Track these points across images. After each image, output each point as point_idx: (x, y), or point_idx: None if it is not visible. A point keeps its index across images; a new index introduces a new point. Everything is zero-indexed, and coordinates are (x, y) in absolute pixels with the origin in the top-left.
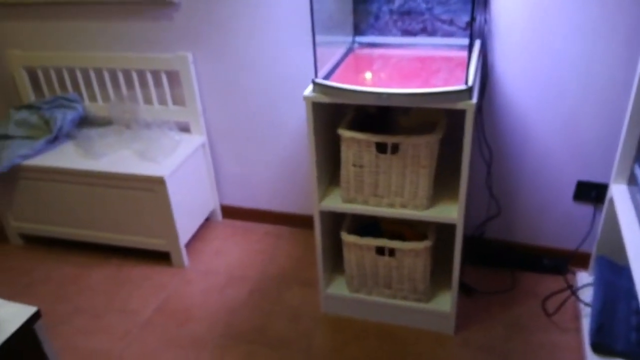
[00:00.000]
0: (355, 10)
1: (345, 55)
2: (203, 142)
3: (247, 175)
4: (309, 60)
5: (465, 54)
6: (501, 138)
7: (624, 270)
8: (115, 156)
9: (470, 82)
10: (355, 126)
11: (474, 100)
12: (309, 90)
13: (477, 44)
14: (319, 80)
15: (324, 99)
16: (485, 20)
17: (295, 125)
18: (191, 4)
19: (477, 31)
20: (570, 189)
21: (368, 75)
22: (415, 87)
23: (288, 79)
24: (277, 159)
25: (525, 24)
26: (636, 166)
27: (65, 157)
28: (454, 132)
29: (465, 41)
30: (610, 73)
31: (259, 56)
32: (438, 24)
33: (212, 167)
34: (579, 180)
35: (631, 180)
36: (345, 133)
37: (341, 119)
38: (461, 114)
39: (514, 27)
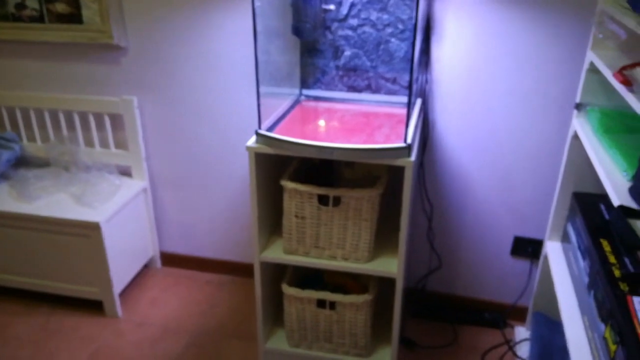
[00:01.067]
0: (303, 64)
1: (292, 107)
2: (144, 187)
3: (189, 222)
4: (255, 110)
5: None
6: (442, 193)
7: (559, 326)
8: (50, 199)
9: (409, 140)
10: (299, 177)
11: (413, 157)
12: (252, 140)
13: (418, 102)
14: (262, 132)
15: (267, 150)
16: (427, 81)
17: (239, 172)
18: (139, 48)
19: (418, 90)
20: (508, 244)
21: (312, 127)
22: (358, 141)
23: (234, 127)
24: (221, 206)
25: (464, 86)
26: (568, 225)
27: None
28: (396, 186)
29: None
30: (543, 135)
31: (205, 103)
32: (382, 82)
33: (152, 213)
34: (516, 236)
35: (564, 238)
36: (287, 184)
37: (285, 170)
38: (402, 169)
39: (453, 88)
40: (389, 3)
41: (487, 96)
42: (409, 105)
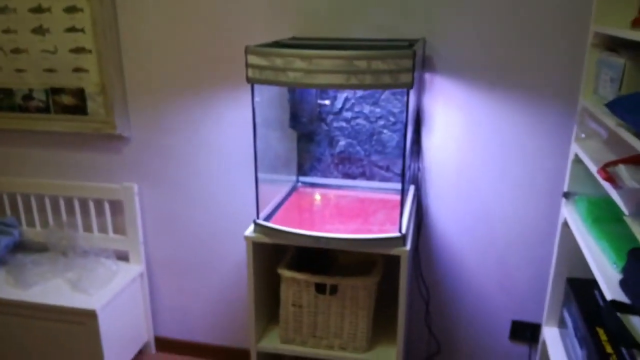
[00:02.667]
0: (300, 153)
1: (289, 193)
2: (141, 271)
3: (185, 307)
4: (253, 197)
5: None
6: (438, 276)
7: None
8: (47, 286)
9: (403, 229)
10: (296, 264)
11: (408, 246)
12: (250, 230)
13: (412, 189)
14: (260, 222)
15: (265, 240)
16: (419, 168)
17: (236, 259)
18: (141, 138)
19: (411, 177)
20: (506, 328)
21: (309, 215)
22: (354, 229)
23: (231, 213)
24: (217, 291)
25: (454, 173)
26: (564, 311)
27: None
28: (392, 271)
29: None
30: (534, 219)
31: (203, 190)
32: (376, 170)
33: (148, 298)
34: (514, 320)
35: (562, 324)
36: (285, 273)
37: (282, 257)
38: (397, 257)
39: (444, 175)
40: (381, 98)
41: (478, 183)
42: (403, 195)
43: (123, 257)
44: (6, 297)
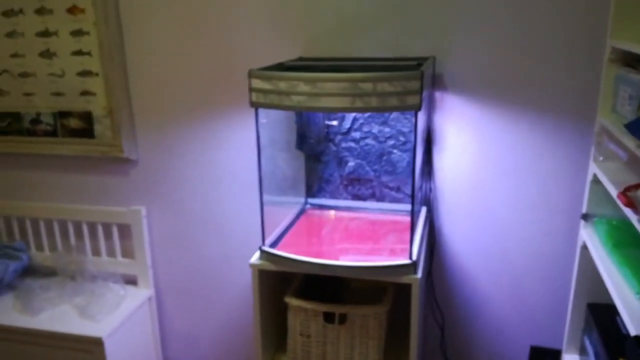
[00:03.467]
0: (308, 174)
1: (297, 216)
2: (150, 296)
3: (193, 331)
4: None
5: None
6: (453, 301)
7: None
8: (54, 312)
9: (414, 256)
10: (304, 290)
11: (419, 274)
12: (255, 257)
13: (423, 210)
14: (266, 249)
15: (271, 267)
16: (431, 189)
17: (246, 282)
18: (149, 160)
19: (422, 199)
20: (525, 354)
21: (317, 240)
22: (363, 254)
23: (239, 236)
24: (225, 315)
25: (467, 193)
26: (585, 338)
27: (1, 311)
28: (404, 298)
29: (417, 207)
30: (551, 241)
31: (212, 214)
32: (386, 191)
33: (157, 322)
34: (532, 346)
35: (582, 351)
36: (292, 301)
37: (289, 284)
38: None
39: (457, 195)
40: (390, 117)
41: (492, 204)
42: (413, 220)
43: (132, 281)
44: (14, 324)
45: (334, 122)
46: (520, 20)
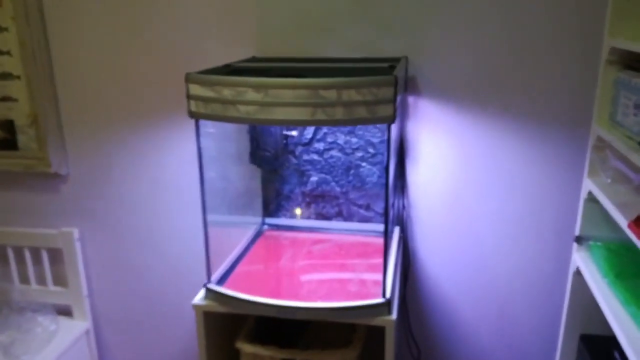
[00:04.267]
0: (265, 191)
1: (253, 240)
2: (87, 328)
3: None
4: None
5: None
6: (431, 332)
7: None
8: None
9: (388, 293)
10: (259, 332)
11: (394, 314)
12: (200, 296)
13: (396, 231)
14: (212, 286)
15: (218, 308)
16: (404, 206)
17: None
18: (81, 175)
19: (394, 217)
20: None
21: (275, 271)
22: (328, 289)
23: (188, 260)
24: (175, 351)
25: (445, 211)
26: None
27: None
28: (376, 336)
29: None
30: (540, 265)
31: (155, 235)
32: (354, 209)
33: (97, 358)
34: None
35: None
36: (245, 347)
37: (241, 325)
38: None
39: (434, 213)
40: (357, 126)
41: (474, 222)
42: (386, 251)
43: (66, 312)
44: None
45: (294, 133)
46: (505, 16)
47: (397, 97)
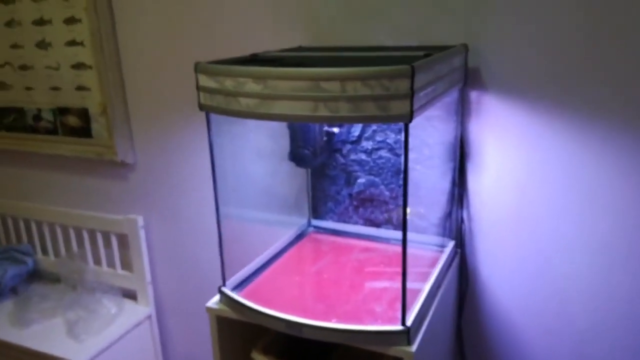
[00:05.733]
0: (313, 190)
1: (294, 241)
2: (149, 314)
3: (200, 357)
4: (245, 233)
5: (438, 255)
6: None
7: None
8: (44, 325)
9: (409, 321)
10: (283, 345)
11: (414, 346)
12: (215, 299)
13: (450, 246)
14: (226, 291)
15: (231, 315)
16: (463, 219)
17: None
18: (147, 164)
19: (450, 230)
20: None
21: (304, 279)
22: (355, 305)
23: (244, 248)
24: None
25: (512, 228)
26: None
27: None
28: None
29: (439, 240)
30: (627, 296)
31: (214, 226)
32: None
33: (159, 345)
34: None
35: None
36: (258, 358)
37: (265, 334)
38: None
39: (499, 230)
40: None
41: (546, 242)
42: (405, 270)
43: (131, 296)
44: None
45: (335, 129)
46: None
47: (414, 91)
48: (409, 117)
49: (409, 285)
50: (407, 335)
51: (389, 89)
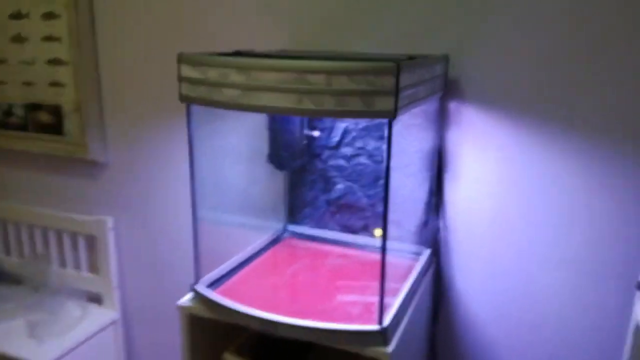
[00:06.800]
0: (291, 194)
1: (269, 245)
2: (114, 319)
3: None
4: (220, 235)
5: (413, 263)
6: None
7: None
8: (5, 327)
9: (385, 321)
10: (257, 347)
11: (391, 347)
12: (187, 298)
13: (426, 254)
14: (199, 289)
15: (203, 314)
16: (439, 228)
17: None
18: (119, 164)
19: (426, 239)
20: None
21: (280, 280)
22: (331, 307)
23: (215, 257)
24: None
25: (489, 238)
26: None
27: None
28: None
29: (416, 248)
30: (598, 313)
31: (188, 230)
32: (382, 224)
33: (122, 351)
34: None
35: None
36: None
37: (239, 335)
38: None
39: (475, 240)
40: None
41: (521, 254)
42: (383, 269)
43: (96, 299)
44: None
45: (316, 133)
46: (570, 9)
47: (399, 89)
48: (393, 113)
49: (385, 288)
50: (383, 335)
51: (374, 84)
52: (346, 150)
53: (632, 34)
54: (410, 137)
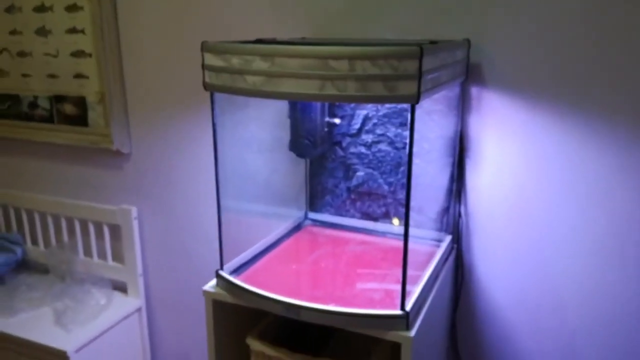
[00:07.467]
0: (311, 182)
1: (290, 232)
2: (138, 306)
3: (188, 352)
4: (241, 223)
5: (434, 249)
6: None
7: None
8: (32, 315)
9: (408, 306)
10: (281, 331)
11: (413, 331)
12: (211, 283)
13: (447, 240)
14: (224, 274)
15: (227, 299)
16: (460, 214)
17: None
18: (143, 154)
19: (447, 225)
20: None
21: (302, 267)
22: (352, 293)
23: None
24: None
25: (510, 224)
26: None
27: None
28: None
29: (436, 235)
30: (620, 298)
31: (210, 219)
32: (403, 211)
33: (147, 338)
34: None
35: None
36: (254, 344)
37: (262, 319)
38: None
39: (496, 225)
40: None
41: (543, 240)
42: (406, 255)
43: (121, 288)
44: None
45: (337, 120)
46: None
47: (422, 73)
48: (416, 98)
49: (408, 274)
50: (406, 319)
51: (397, 69)
52: (367, 137)
53: None
54: (431, 122)
